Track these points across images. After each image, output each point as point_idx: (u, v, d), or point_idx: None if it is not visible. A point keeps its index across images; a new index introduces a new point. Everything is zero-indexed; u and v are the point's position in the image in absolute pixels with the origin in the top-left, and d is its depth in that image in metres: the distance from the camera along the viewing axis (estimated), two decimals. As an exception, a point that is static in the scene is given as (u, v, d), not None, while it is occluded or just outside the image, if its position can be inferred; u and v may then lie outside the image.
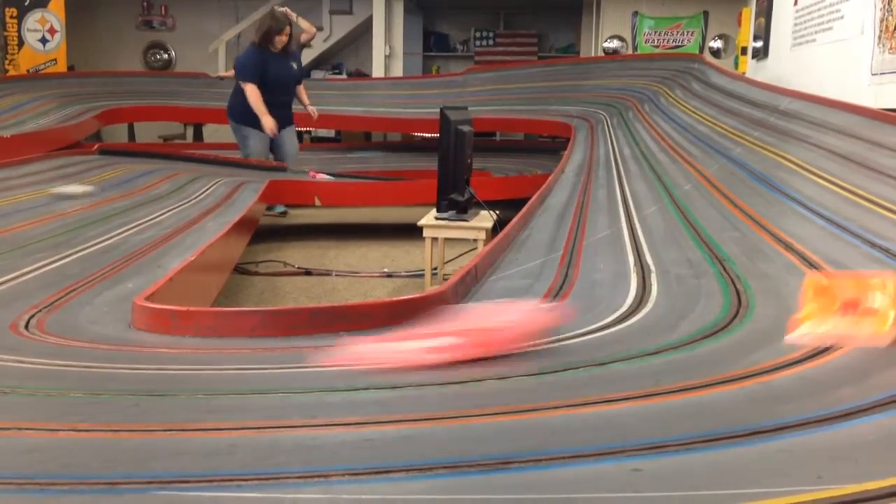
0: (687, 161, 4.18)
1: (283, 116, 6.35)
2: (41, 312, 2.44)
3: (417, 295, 2.49)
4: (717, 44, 9.15)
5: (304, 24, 6.95)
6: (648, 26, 9.14)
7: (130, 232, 3.67)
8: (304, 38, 7.02)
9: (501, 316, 1.81)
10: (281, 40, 6.13)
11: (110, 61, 10.11)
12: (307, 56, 8.49)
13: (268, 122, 6.12)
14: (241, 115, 6.24)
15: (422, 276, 4.53)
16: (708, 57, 7.75)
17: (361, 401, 1.54)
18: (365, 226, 6.99)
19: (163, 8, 10.58)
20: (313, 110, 6.60)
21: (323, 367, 1.82)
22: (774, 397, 1.41)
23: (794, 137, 3.76)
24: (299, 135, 7.30)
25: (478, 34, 10.68)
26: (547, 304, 2.24)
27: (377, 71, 9.35)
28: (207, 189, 5.03)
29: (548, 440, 1.24)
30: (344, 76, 9.79)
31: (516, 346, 1.74)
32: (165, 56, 10.66)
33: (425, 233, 4.32)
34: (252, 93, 6.06)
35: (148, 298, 2.40)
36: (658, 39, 9.15)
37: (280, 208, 6.71)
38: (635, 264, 2.67)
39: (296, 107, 6.56)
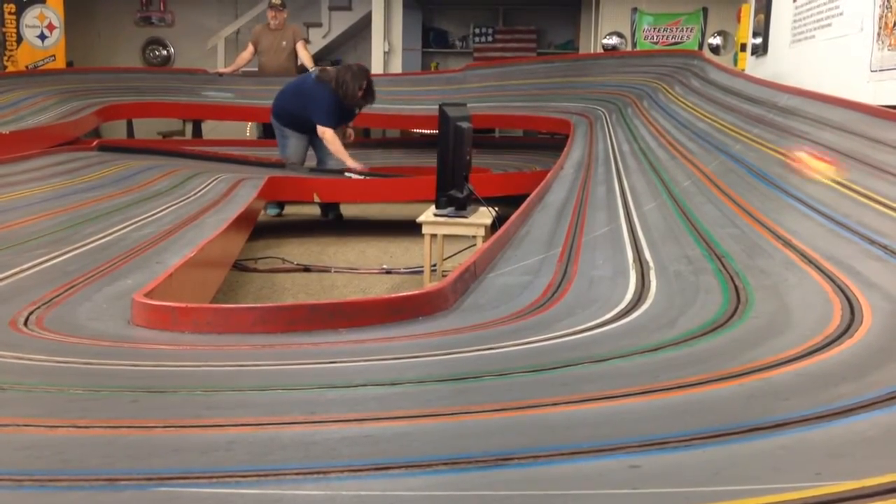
0: (686, 157, 4.18)
1: None
2: (40, 309, 2.44)
3: (416, 291, 2.49)
4: (717, 40, 9.15)
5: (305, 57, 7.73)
6: (647, 23, 9.13)
7: (129, 228, 3.67)
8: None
9: None
10: (356, 98, 6.17)
11: (109, 57, 10.10)
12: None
13: (356, 166, 6.22)
14: (285, 118, 6.35)
15: (421, 272, 4.53)
16: (707, 53, 7.74)
17: (360, 397, 1.54)
18: (364, 222, 6.98)
19: (161, 3, 10.57)
20: (351, 132, 6.82)
21: (321, 364, 1.83)
22: (773, 394, 1.42)
23: (793, 134, 3.76)
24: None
25: (477, 30, 10.67)
26: None
27: (376, 67, 9.34)
28: (207, 185, 5.03)
29: (547, 436, 1.24)
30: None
31: None
32: (164, 52, 10.64)
33: (424, 229, 4.32)
34: (333, 139, 6.16)
35: (147, 295, 2.40)
36: (657, 36, 9.14)
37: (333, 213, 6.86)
38: (634, 261, 2.67)
39: None
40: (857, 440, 1.17)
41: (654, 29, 9.13)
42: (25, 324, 2.28)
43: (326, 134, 6.14)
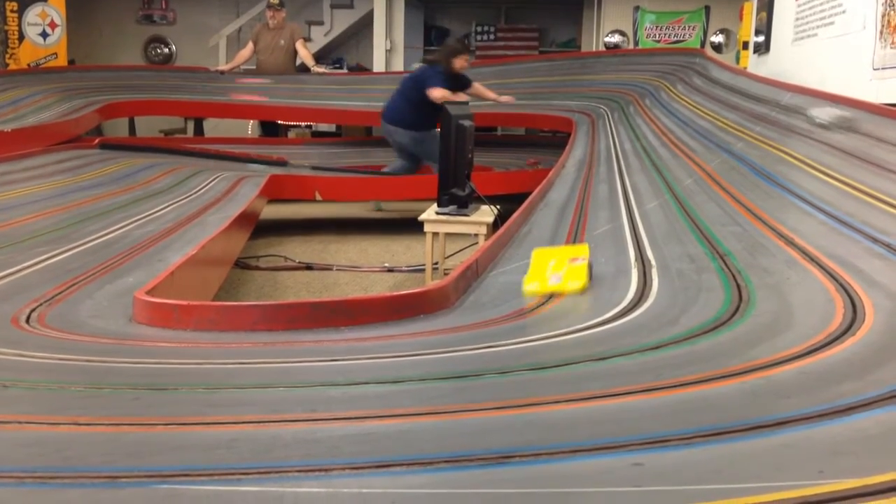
0: (688, 156, 4.18)
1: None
2: (42, 306, 2.44)
3: (418, 290, 2.49)
4: (719, 38, 9.13)
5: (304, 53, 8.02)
6: (650, 21, 9.12)
7: (131, 226, 3.67)
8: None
9: None
10: (461, 64, 6.33)
11: (111, 55, 10.10)
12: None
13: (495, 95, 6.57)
14: (420, 123, 6.31)
15: (422, 270, 4.53)
16: (709, 52, 7.73)
17: (362, 395, 1.54)
18: (366, 220, 6.98)
19: (163, 2, 10.56)
20: (507, 98, 6.87)
21: (322, 361, 1.82)
22: (775, 392, 1.41)
23: (796, 132, 3.75)
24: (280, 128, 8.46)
25: (479, 29, 10.66)
26: None
27: (378, 65, 9.33)
28: (208, 183, 5.03)
29: (549, 434, 1.24)
30: (345, 70, 9.77)
31: None
32: (166, 50, 10.64)
33: (426, 227, 4.32)
34: (442, 95, 6.14)
35: (149, 292, 2.40)
36: (659, 34, 9.13)
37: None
38: (636, 259, 2.67)
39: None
40: (860, 438, 1.16)
41: (657, 27, 9.12)
42: (27, 321, 2.28)
43: (435, 93, 6.12)
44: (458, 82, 6.42)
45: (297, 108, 7.68)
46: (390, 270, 4.89)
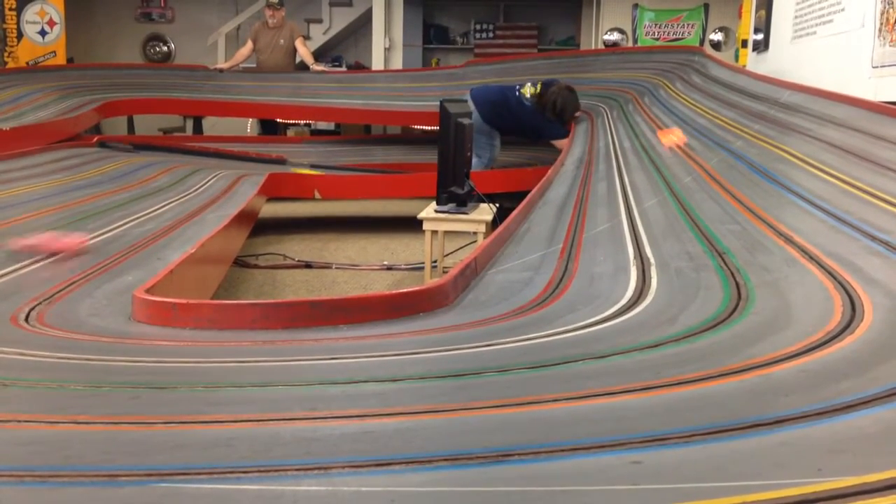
0: (687, 154, 4.18)
1: None
2: (41, 305, 2.44)
3: (417, 288, 2.49)
4: (718, 36, 9.14)
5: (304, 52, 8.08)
6: (649, 19, 9.12)
7: (130, 224, 3.67)
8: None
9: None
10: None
11: (109, 53, 10.09)
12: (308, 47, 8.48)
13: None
14: (495, 124, 6.34)
15: (421, 268, 4.54)
16: (708, 49, 7.73)
17: (361, 393, 1.54)
18: (365, 219, 6.98)
19: (161, 0, 10.56)
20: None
21: (321, 360, 1.82)
22: (774, 390, 1.42)
23: (795, 130, 3.75)
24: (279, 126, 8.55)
25: (477, 26, 10.65)
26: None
27: (377, 63, 9.33)
28: (207, 182, 5.03)
29: (548, 433, 1.24)
30: (343, 68, 9.77)
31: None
32: (165, 48, 10.63)
33: (425, 226, 4.32)
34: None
35: (148, 291, 2.40)
36: (658, 32, 9.13)
37: None
38: (635, 257, 2.67)
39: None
40: (859, 436, 1.17)
41: (656, 25, 9.12)
42: (27, 320, 2.28)
43: (564, 143, 6.05)
44: None
45: (296, 106, 7.68)
46: (389, 269, 4.89)
